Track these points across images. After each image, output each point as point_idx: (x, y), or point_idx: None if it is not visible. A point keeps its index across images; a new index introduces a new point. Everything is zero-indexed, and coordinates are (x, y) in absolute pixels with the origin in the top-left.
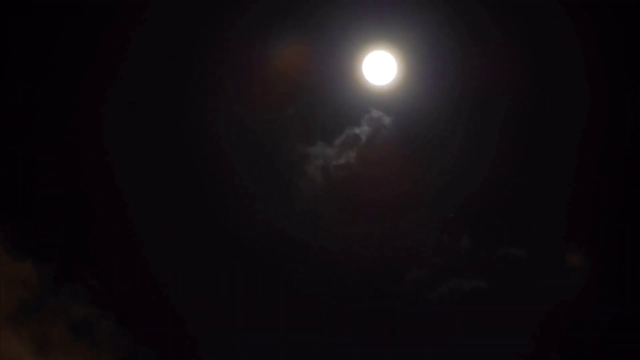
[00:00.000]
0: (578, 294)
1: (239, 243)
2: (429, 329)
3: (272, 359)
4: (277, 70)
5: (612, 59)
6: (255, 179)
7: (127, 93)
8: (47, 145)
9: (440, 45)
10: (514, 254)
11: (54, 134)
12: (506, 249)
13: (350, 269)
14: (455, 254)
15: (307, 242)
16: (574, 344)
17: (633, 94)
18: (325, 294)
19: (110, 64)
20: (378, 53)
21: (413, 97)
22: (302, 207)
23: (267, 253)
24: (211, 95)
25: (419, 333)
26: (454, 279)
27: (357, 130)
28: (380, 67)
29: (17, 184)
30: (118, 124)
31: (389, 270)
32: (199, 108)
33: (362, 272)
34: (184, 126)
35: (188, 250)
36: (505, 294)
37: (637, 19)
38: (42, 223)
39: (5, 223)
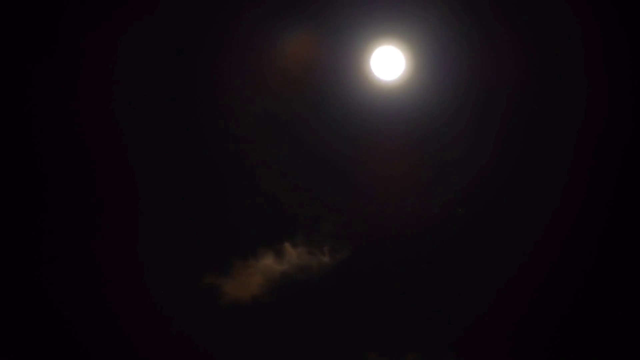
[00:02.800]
0: None
1: None
2: None
3: None
4: (284, 65)
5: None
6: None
7: (129, 91)
8: None
9: (449, 40)
10: None
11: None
12: None
13: None
14: None
15: None
16: None
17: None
18: None
19: (113, 60)
20: (386, 48)
21: (421, 93)
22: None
23: None
24: (217, 90)
25: None
26: None
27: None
28: (388, 63)
29: None
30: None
31: None
32: (206, 104)
33: None
34: (188, 124)
35: None
36: None
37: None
38: None
39: None
